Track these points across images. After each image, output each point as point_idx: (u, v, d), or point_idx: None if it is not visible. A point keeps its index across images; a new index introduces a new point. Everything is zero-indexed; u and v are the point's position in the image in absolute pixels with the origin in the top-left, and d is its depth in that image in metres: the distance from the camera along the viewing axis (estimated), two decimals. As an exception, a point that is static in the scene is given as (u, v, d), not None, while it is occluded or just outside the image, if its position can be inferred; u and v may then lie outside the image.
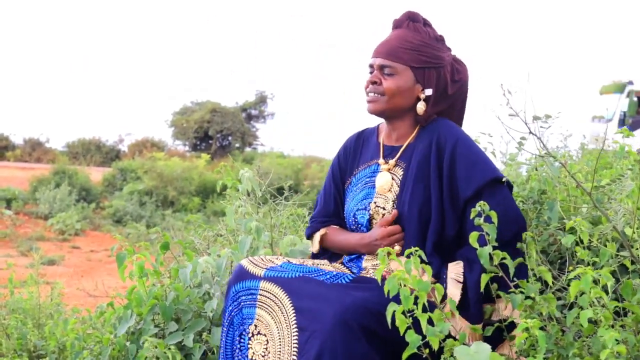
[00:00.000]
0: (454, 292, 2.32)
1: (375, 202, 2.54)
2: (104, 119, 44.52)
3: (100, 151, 26.54)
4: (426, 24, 2.58)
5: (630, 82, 19.99)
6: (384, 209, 2.52)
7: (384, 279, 2.10)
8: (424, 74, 2.52)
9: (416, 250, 2.12)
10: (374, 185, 2.57)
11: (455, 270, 2.36)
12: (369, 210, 2.55)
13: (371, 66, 2.58)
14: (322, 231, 2.71)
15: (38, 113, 41.81)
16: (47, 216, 13.76)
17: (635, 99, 20.03)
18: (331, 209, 2.73)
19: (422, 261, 2.13)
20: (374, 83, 2.55)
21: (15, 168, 19.80)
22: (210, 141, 31.79)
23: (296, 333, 2.25)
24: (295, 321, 2.27)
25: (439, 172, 2.45)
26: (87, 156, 24.39)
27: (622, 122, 19.50)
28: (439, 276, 2.36)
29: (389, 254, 2.12)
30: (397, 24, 2.60)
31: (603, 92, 20.50)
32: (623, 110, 19.80)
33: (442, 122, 2.55)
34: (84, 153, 25.19)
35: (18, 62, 49.57)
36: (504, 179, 2.44)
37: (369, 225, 2.55)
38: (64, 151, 25.89)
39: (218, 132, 31.62)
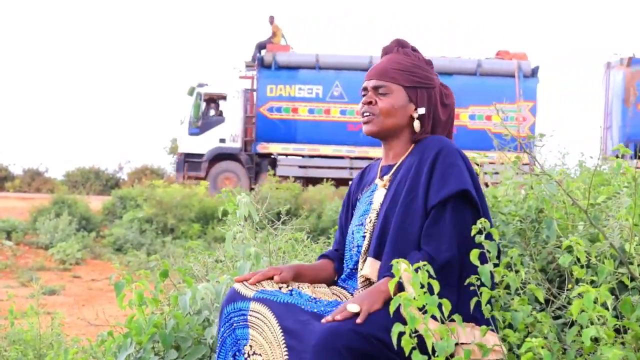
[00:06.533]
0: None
1: (370, 218, 2.58)
2: (103, 148, 44.55)
3: (100, 179, 26.51)
4: (414, 49, 2.68)
5: (200, 85, 20.05)
6: (372, 222, 2.57)
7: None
8: (416, 94, 2.59)
9: (424, 265, 2.13)
10: (372, 202, 2.62)
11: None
12: (364, 226, 2.59)
13: (365, 89, 2.65)
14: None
15: (37, 143, 41.86)
16: (47, 246, 13.70)
17: (203, 101, 20.10)
18: (340, 238, 2.81)
19: (430, 276, 2.14)
20: (369, 103, 2.61)
21: (15, 198, 19.75)
22: (210, 167, 31.75)
23: (287, 353, 2.28)
24: (284, 341, 2.29)
25: (415, 183, 2.48)
26: (87, 185, 24.38)
27: (191, 125, 19.82)
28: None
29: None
30: (386, 51, 2.70)
31: (188, 93, 20.75)
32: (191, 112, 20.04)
33: (433, 137, 2.59)
34: (83, 182, 25.18)
35: (16, 93, 49.76)
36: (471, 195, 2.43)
37: (362, 241, 2.57)
38: (63, 180, 25.88)
39: (217, 158, 31.60)
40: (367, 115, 2.61)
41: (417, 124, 2.59)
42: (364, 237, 2.58)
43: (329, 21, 65.56)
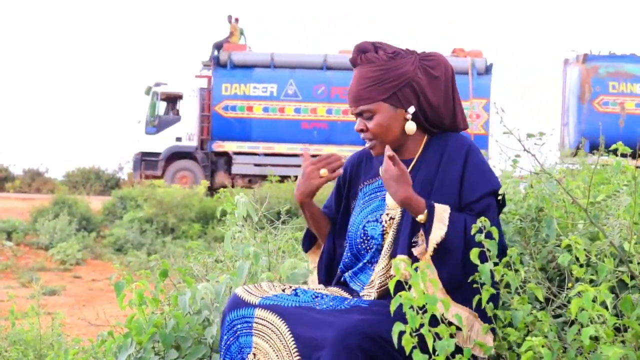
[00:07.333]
0: (437, 233, 2.34)
1: (388, 214, 2.52)
2: (103, 148, 44.56)
3: (100, 180, 26.47)
4: (376, 47, 2.53)
5: (157, 84, 20.27)
6: (393, 219, 2.50)
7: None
8: (397, 98, 2.50)
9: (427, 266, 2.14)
10: (384, 197, 2.55)
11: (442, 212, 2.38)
12: (381, 222, 2.52)
13: (353, 114, 2.59)
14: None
15: (37, 143, 41.82)
16: (47, 246, 13.71)
17: (159, 100, 20.29)
18: (332, 203, 2.78)
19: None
20: (362, 131, 2.56)
21: (15, 199, 19.73)
22: (210, 167, 31.74)
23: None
24: (296, 349, 2.27)
25: (445, 180, 2.47)
26: (87, 185, 24.35)
27: (147, 124, 20.10)
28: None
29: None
30: (353, 64, 2.57)
31: (145, 92, 20.89)
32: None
33: (451, 134, 2.56)
34: (83, 182, 25.15)
35: (16, 93, 49.77)
36: (499, 196, 2.47)
37: (381, 239, 2.51)
38: (63, 181, 25.83)
39: (217, 158, 31.61)
40: (367, 142, 2.57)
41: (410, 126, 2.51)
42: (382, 235, 2.50)
43: (329, 21, 65.60)
